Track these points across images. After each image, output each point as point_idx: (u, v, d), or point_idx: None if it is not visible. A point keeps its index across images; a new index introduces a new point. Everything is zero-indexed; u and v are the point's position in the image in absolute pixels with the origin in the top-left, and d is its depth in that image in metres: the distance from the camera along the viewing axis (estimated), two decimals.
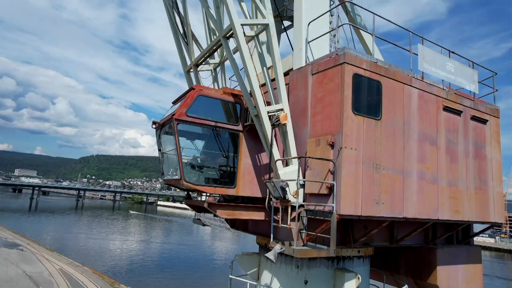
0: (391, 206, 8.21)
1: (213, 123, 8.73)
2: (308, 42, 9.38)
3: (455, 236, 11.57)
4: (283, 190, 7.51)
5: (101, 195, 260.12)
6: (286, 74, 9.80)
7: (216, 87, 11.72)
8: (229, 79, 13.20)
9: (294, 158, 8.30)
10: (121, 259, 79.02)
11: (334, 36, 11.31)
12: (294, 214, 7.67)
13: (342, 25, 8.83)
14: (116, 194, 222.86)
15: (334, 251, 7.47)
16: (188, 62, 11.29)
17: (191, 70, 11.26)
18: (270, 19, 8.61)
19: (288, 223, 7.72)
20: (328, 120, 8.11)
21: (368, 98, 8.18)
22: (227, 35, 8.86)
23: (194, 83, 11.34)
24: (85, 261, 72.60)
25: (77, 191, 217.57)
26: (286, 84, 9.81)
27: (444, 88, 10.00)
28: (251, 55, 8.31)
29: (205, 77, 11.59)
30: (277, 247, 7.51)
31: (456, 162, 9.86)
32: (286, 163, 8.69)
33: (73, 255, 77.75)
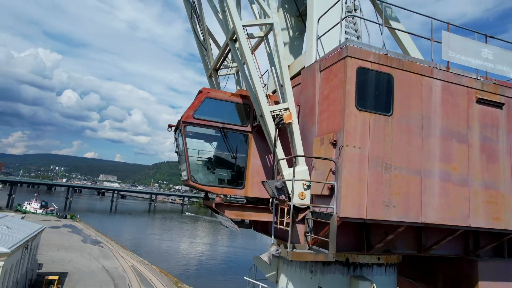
0: (405, 210, 7.46)
1: (220, 125, 8.88)
2: (318, 38, 9.05)
3: (506, 248, 10.05)
4: (278, 191, 7.30)
5: (171, 199, 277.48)
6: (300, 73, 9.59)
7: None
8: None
9: (290, 157, 8.03)
10: (186, 260, 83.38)
11: (356, 30, 10.74)
12: (289, 216, 7.37)
13: (345, 17, 8.33)
14: (185, 198, 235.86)
15: (333, 256, 7.03)
16: (209, 68, 11.66)
17: (212, 75, 11.60)
18: (274, 18, 8.53)
19: (284, 224, 7.47)
20: (332, 117, 7.72)
21: (376, 92, 7.60)
22: (234, 38, 8.98)
23: (215, 87, 11.66)
24: (153, 260, 78.22)
25: (150, 195, 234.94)
26: (298, 84, 9.59)
27: (479, 78, 8.84)
28: (254, 56, 8.31)
29: (228, 81, 11.84)
30: (273, 249, 7.31)
31: (495, 162, 8.60)
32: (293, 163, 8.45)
33: (143, 254, 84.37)
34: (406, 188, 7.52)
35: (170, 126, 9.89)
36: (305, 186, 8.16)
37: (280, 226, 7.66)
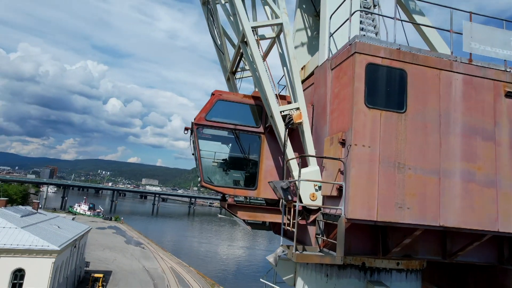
0: (421, 212, 7.03)
1: (232, 126, 8.95)
2: (330, 36, 8.85)
3: None
4: (284, 191, 7.20)
5: (209, 203, 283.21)
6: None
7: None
8: (278, 83, 13.27)
9: (296, 158, 7.88)
10: (223, 263, 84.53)
11: (375, 27, 10.37)
12: (300, 217, 7.24)
13: (354, 12, 8.03)
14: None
15: (341, 259, 6.77)
16: (227, 71, 11.83)
17: (230, 78, 11.76)
18: (284, 18, 8.49)
19: (291, 225, 7.33)
20: (342, 116, 7.49)
21: (387, 89, 7.26)
22: (245, 40, 9.04)
23: (233, 90, 11.79)
24: (191, 262, 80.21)
25: (189, 199, 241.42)
26: (312, 84, 9.44)
27: (508, 69, 8.14)
28: (263, 56, 8.31)
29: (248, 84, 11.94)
30: (279, 251, 7.20)
31: None
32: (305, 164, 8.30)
33: (182, 256, 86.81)
34: (422, 189, 7.08)
35: (186, 129, 10.14)
36: (317, 187, 7.98)
37: (287, 227, 7.55)
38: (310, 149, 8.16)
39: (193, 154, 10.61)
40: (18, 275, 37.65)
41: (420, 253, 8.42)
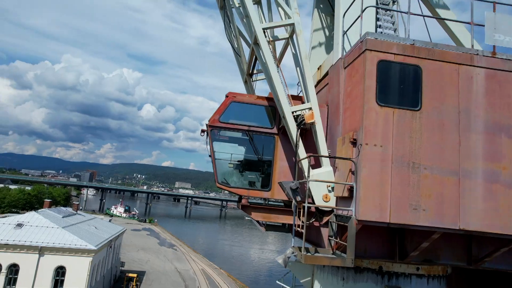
0: (438, 214, 6.67)
1: (246, 128, 9.01)
2: (344, 34, 8.68)
3: None
4: (294, 192, 7.11)
5: None
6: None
7: None
8: (297, 84, 13.20)
9: (304, 158, 7.75)
10: (254, 267, 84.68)
11: (393, 23, 10.04)
12: (315, 219, 7.13)
13: (366, 8, 7.77)
14: None
15: (352, 261, 6.57)
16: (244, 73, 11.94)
17: (247, 80, 11.86)
18: (295, 18, 8.44)
19: (300, 226, 7.22)
20: (354, 115, 7.32)
21: (400, 86, 7.00)
22: (257, 42, 9.09)
23: (251, 92, 11.87)
24: (222, 265, 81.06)
25: (221, 202, 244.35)
26: (327, 84, 9.32)
27: None
28: (274, 57, 8.32)
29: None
30: (288, 252, 7.11)
31: None
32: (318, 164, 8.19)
33: (213, 258, 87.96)
34: (439, 190, 6.73)
35: (202, 131, 10.32)
36: (330, 188, 7.83)
37: (297, 229, 7.46)
38: (323, 149, 8.03)
39: (209, 156, 10.80)
40: (60, 272, 39.96)
41: (443, 258, 8.00)
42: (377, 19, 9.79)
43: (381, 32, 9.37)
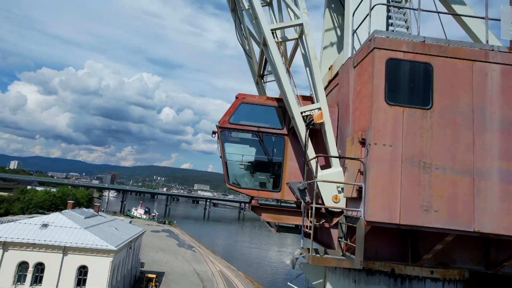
0: (451, 215, 6.47)
1: (256, 129, 9.03)
2: (353, 33, 8.59)
3: None
4: (301, 192, 7.06)
5: None
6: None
7: None
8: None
9: (312, 158, 7.68)
10: (272, 269, 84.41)
11: (406, 21, 9.84)
12: (309, 218, 7.05)
13: (374, 6, 7.64)
14: None
15: (360, 263, 6.46)
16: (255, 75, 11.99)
17: (258, 81, 11.90)
18: (304, 18, 8.43)
19: (308, 227, 7.15)
20: (363, 115, 7.21)
21: (410, 84, 6.85)
22: (266, 43, 9.12)
23: (262, 93, 11.90)
24: (240, 267, 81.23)
25: (239, 204, 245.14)
26: (337, 84, 9.24)
27: None
28: (283, 58, 8.32)
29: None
30: (296, 253, 7.05)
31: None
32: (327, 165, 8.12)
33: (231, 260, 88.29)
34: (452, 190, 6.53)
35: (213, 132, 10.42)
36: (339, 189, 7.74)
37: (305, 230, 7.40)
38: (333, 149, 7.96)
39: (220, 157, 10.88)
40: (82, 271, 41.15)
41: (459, 261, 7.74)
42: (389, 17, 9.64)
43: (393, 30, 9.21)
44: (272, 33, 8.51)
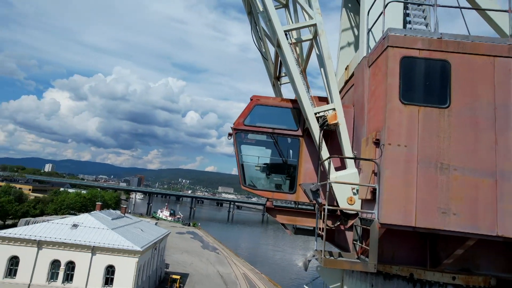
0: (472, 219, 6.18)
1: (270, 130, 9.03)
2: (368, 32, 8.43)
3: None
4: (314, 193, 6.97)
5: None
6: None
7: None
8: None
9: (325, 159, 7.55)
10: (296, 273, 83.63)
11: (425, 18, 9.55)
12: (323, 220, 6.94)
13: (388, 3, 7.44)
14: None
15: (374, 266, 6.29)
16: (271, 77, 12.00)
17: (274, 83, 11.90)
18: (317, 19, 8.37)
19: (321, 229, 7.04)
20: (377, 115, 7.05)
21: (426, 83, 6.63)
22: (279, 44, 9.12)
23: (279, 95, 11.90)
24: (264, 270, 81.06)
25: (263, 206, 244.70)
26: (353, 85, 9.09)
27: None
28: (296, 59, 8.28)
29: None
30: (309, 255, 6.95)
31: None
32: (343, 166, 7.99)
33: (255, 262, 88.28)
34: (472, 192, 6.24)
35: (229, 135, 10.51)
36: (354, 191, 7.60)
37: (319, 232, 7.30)
38: (347, 150, 7.83)
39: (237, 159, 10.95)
40: (110, 270, 42.49)
41: (483, 267, 7.38)
42: (407, 15, 9.39)
43: (410, 28, 8.97)
44: (286, 34, 8.50)
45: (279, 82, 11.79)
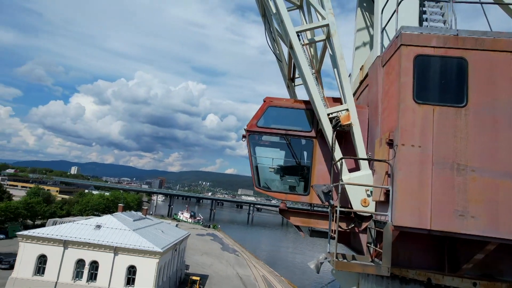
0: (492, 222, 5.92)
1: (284, 132, 9.00)
2: (382, 31, 8.28)
3: None
4: (326, 195, 6.88)
5: None
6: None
7: None
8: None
9: (337, 161, 7.43)
10: (316, 276, 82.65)
11: (443, 15, 9.29)
12: (336, 222, 6.83)
13: (402, 0, 7.25)
14: None
15: (388, 270, 6.13)
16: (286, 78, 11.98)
17: (289, 85, 11.87)
18: (330, 19, 8.30)
19: (333, 231, 6.93)
20: (391, 115, 6.90)
21: (442, 81, 6.42)
22: (292, 45, 9.09)
23: (293, 96, 11.85)
24: (283, 273, 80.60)
25: None
26: (368, 85, 8.95)
27: None
28: (309, 59, 8.24)
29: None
30: (321, 257, 6.85)
31: None
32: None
33: (274, 265, 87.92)
34: (492, 194, 5.98)
35: (243, 137, 10.54)
36: (368, 192, 7.46)
37: (332, 234, 7.19)
38: (361, 151, 7.70)
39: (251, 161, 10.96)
40: (131, 271, 43.44)
41: (506, 273, 7.06)
42: (423, 12, 9.17)
43: (427, 26, 8.75)
44: (298, 35, 8.47)
45: (293, 83, 11.75)
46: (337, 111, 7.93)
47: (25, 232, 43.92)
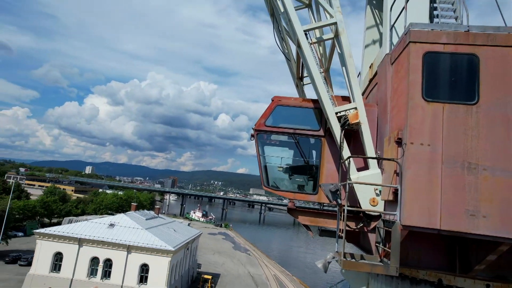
0: (504, 222, 5.78)
1: (291, 131, 8.98)
2: (391, 28, 8.17)
3: None
4: (333, 194, 6.83)
5: None
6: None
7: None
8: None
9: (346, 160, 7.36)
10: (328, 275, 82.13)
11: (455, 11, 9.10)
12: (344, 221, 6.76)
13: None
14: None
15: (396, 270, 6.05)
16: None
17: (298, 84, 11.83)
18: (338, 17, 8.24)
19: (340, 231, 6.88)
20: (399, 113, 6.81)
21: (451, 78, 6.30)
22: (299, 44, 9.06)
23: (302, 95, 11.81)
24: (295, 272, 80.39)
25: None
26: (376, 84, 8.86)
27: None
28: (316, 58, 8.20)
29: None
30: (329, 256, 6.81)
31: None
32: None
33: (286, 264, 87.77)
34: (505, 194, 5.83)
35: (252, 136, 10.56)
36: (377, 191, 7.38)
37: (340, 233, 7.14)
38: (369, 150, 7.62)
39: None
40: (144, 269, 44.02)
41: None
42: (434, 8, 9.00)
43: (438, 22, 8.59)
44: (306, 34, 8.44)
45: (302, 82, 11.70)
46: (345, 110, 7.87)
47: (42, 230, 45.01)
